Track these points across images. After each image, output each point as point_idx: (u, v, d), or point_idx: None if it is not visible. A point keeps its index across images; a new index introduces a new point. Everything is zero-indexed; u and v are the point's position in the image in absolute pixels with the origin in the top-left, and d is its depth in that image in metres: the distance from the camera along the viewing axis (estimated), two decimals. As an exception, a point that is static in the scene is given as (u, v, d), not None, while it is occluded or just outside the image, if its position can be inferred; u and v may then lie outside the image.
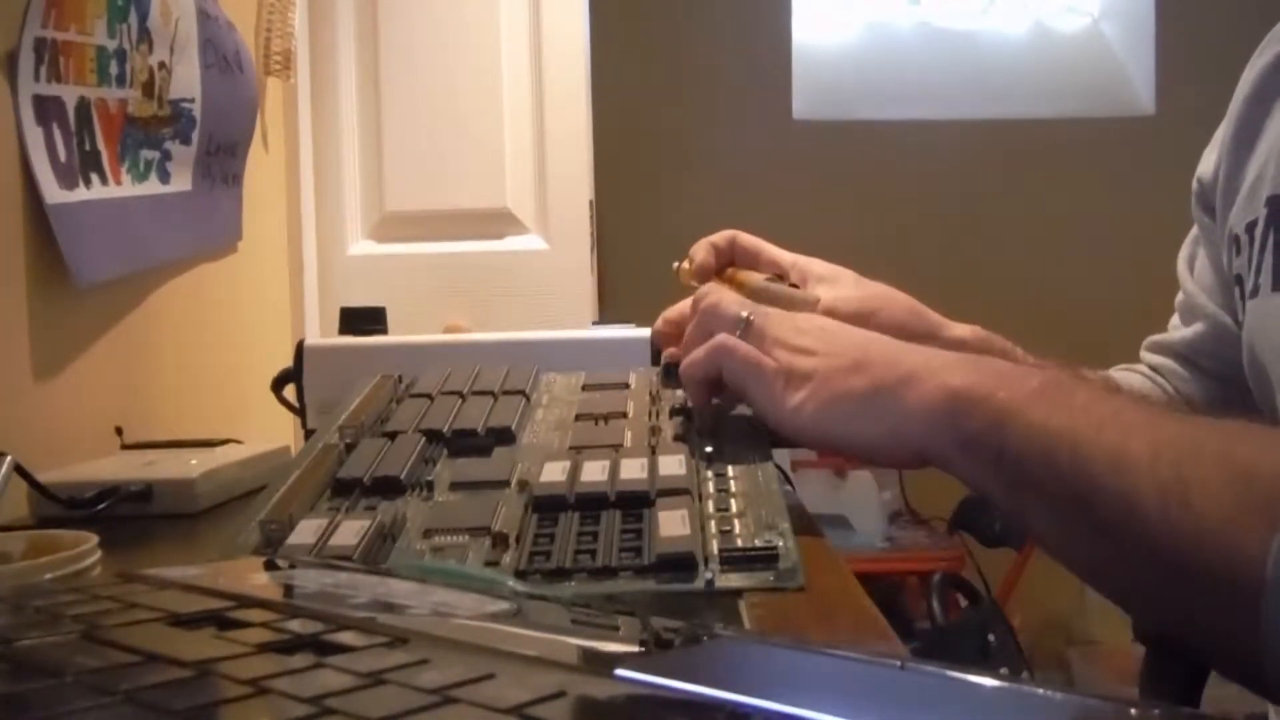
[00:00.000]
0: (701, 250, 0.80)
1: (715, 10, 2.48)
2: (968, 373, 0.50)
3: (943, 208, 2.47)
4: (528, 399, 0.69)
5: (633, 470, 0.54)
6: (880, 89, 2.54)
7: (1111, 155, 2.48)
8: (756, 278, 0.77)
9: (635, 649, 0.33)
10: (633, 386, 0.71)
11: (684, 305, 0.76)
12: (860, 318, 0.73)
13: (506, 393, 0.69)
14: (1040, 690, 0.26)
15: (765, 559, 0.47)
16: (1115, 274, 2.35)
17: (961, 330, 0.78)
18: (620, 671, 0.26)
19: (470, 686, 0.24)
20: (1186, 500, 0.39)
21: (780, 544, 0.48)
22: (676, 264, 0.83)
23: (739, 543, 0.48)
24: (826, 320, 0.63)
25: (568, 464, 0.55)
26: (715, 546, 0.48)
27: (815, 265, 0.79)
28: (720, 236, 0.81)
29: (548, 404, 0.69)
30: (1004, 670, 1.64)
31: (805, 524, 0.58)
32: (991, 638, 1.82)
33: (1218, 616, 0.39)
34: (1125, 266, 2.30)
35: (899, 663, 0.28)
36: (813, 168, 2.47)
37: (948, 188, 2.46)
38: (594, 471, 0.54)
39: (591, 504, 0.52)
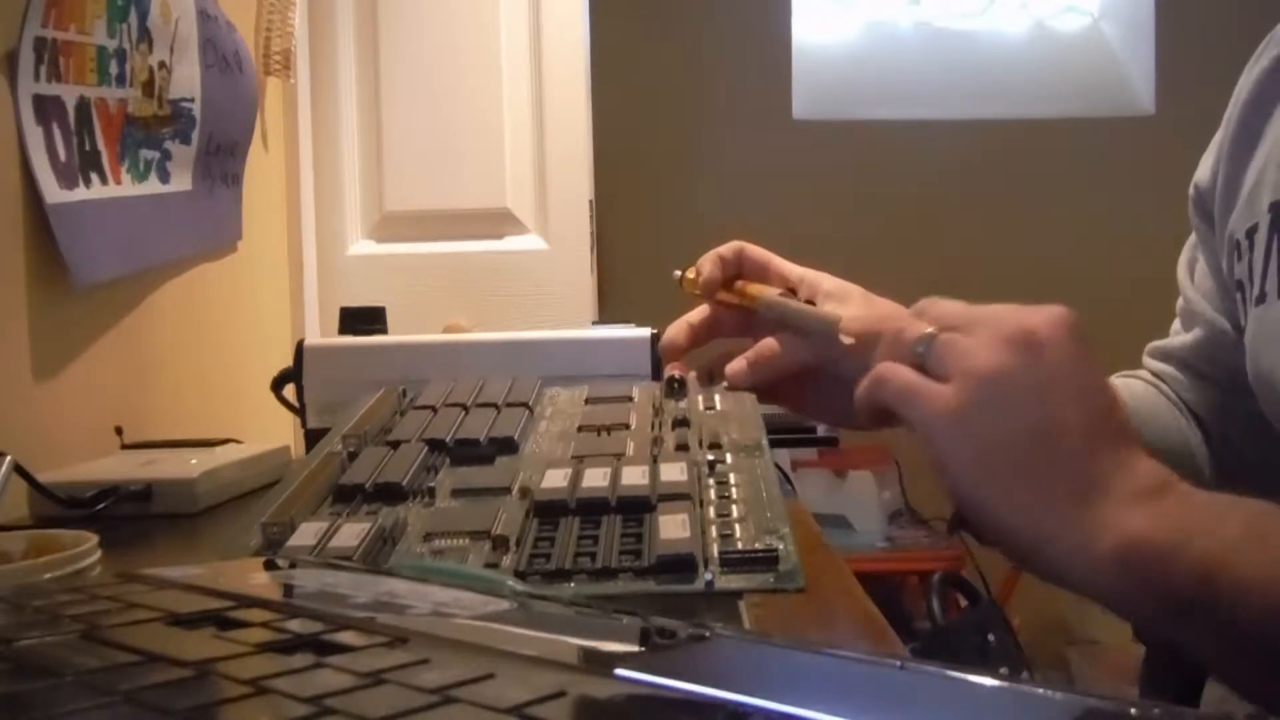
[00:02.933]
0: (709, 263, 0.79)
1: (715, 10, 2.48)
2: (1156, 513, 0.44)
3: (942, 208, 2.46)
4: (531, 411, 0.69)
5: (634, 477, 0.54)
6: (880, 89, 2.54)
7: (1111, 155, 2.48)
8: (770, 292, 0.74)
9: (635, 649, 0.33)
10: (636, 399, 0.71)
11: (689, 319, 0.76)
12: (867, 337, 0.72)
13: (510, 405, 0.69)
14: (1040, 690, 0.26)
15: (765, 561, 0.47)
16: (1115, 274, 2.35)
17: None
18: (620, 671, 0.26)
19: (470, 686, 0.24)
20: None
21: (780, 547, 0.48)
22: (678, 272, 0.81)
23: (739, 545, 0.48)
24: (1036, 344, 0.52)
25: (569, 471, 0.55)
26: (715, 549, 0.48)
27: (824, 281, 0.76)
28: (727, 248, 0.79)
29: (551, 416, 0.69)
30: (1004, 670, 1.64)
31: (805, 524, 0.58)
32: (991, 638, 1.82)
33: None
34: (1125, 266, 2.30)
35: (899, 663, 0.28)
36: (813, 168, 2.47)
37: (948, 188, 2.46)
38: (595, 478, 0.54)
39: (592, 509, 0.52)
